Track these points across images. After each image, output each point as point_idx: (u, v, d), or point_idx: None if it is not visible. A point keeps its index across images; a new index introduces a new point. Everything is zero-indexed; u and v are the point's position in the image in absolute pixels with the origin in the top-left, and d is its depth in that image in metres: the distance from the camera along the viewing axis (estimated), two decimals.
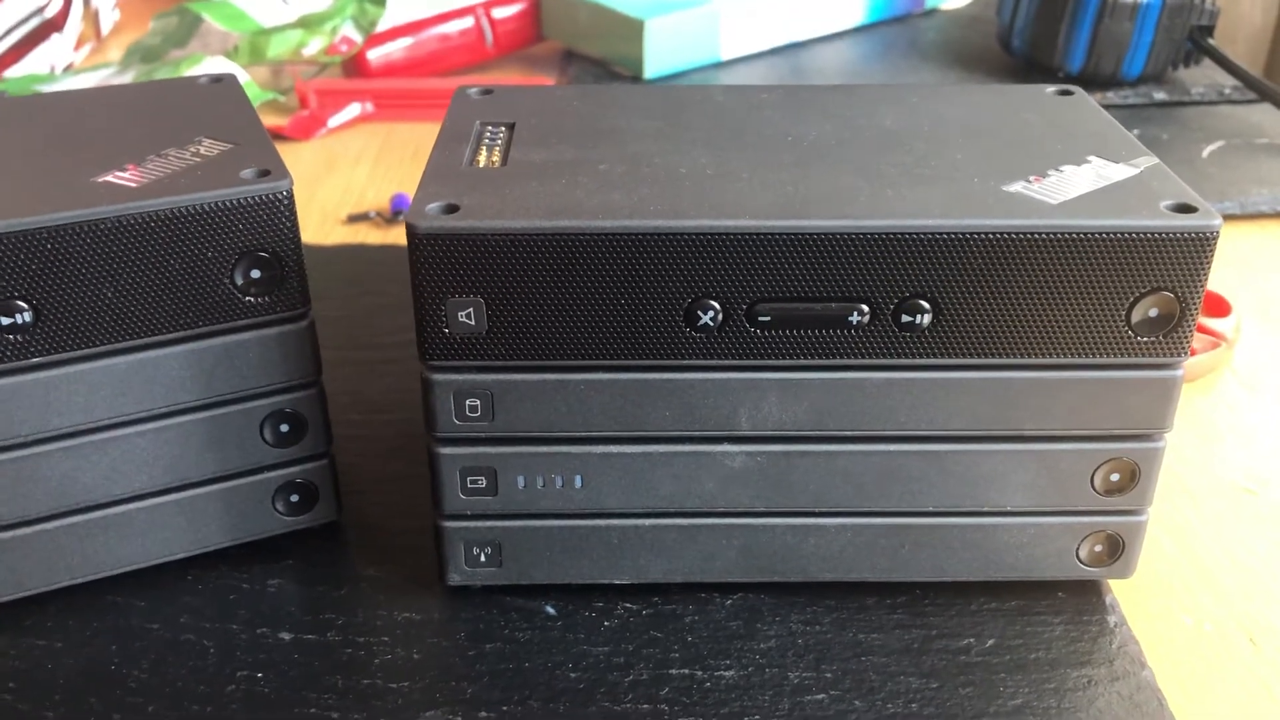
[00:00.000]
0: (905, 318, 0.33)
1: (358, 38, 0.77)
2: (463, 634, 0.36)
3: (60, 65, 0.80)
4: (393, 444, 0.45)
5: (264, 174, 0.35)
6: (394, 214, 0.61)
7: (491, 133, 0.37)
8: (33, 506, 0.36)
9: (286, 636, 0.36)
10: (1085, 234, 0.32)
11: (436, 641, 0.36)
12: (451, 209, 0.32)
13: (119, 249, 0.33)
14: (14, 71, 0.75)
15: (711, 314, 0.33)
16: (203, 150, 0.36)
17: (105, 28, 0.87)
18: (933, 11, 0.89)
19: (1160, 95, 0.73)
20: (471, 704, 0.34)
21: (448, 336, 0.33)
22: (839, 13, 0.83)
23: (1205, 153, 0.66)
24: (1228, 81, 0.75)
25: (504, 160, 0.35)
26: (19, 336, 0.33)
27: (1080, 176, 0.34)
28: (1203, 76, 0.75)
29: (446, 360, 0.34)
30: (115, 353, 0.35)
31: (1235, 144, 0.67)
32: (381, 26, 0.78)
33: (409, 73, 0.78)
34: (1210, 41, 0.72)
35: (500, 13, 0.81)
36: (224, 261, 0.35)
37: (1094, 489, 0.36)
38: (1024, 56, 0.75)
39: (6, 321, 0.33)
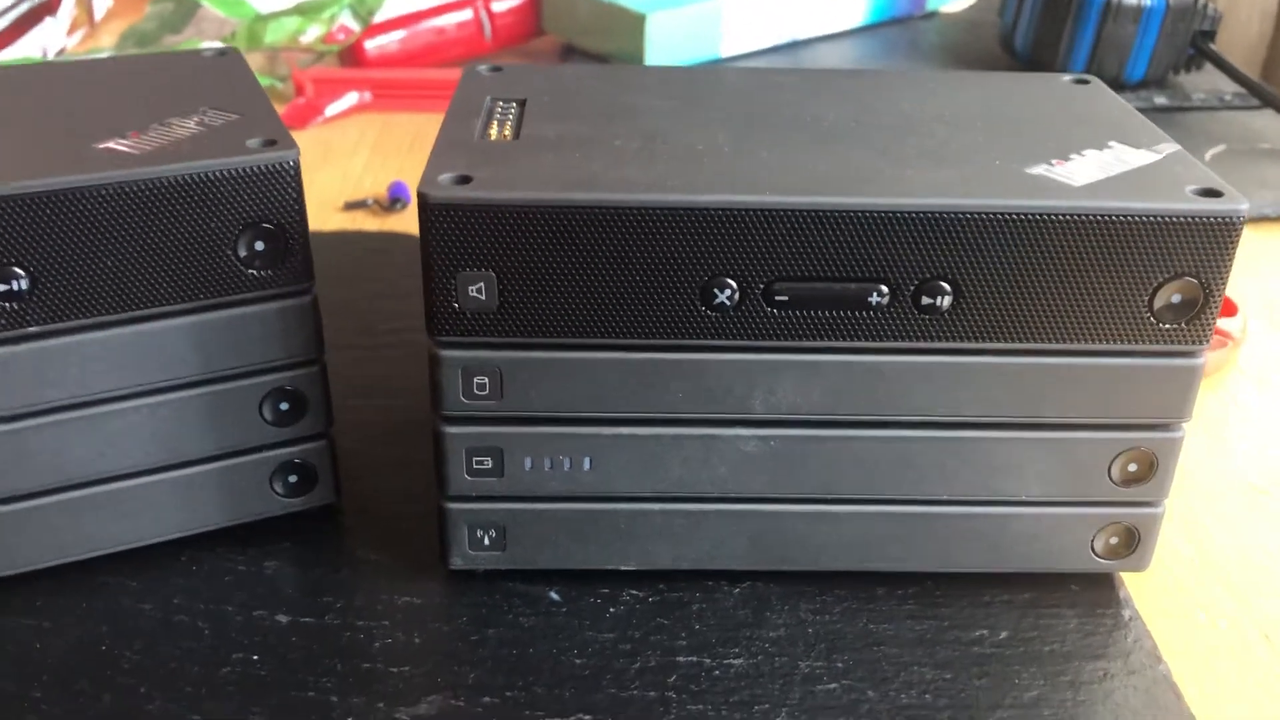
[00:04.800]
0: (925, 299, 0.32)
1: (355, 27, 0.76)
2: (465, 619, 0.36)
3: (53, 50, 0.78)
4: (391, 429, 0.44)
5: (270, 144, 0.34)
6: (392, 202, 0.61)
7: (503, 108, 0.36)
8: (24, 481, 0.35)
9: (284, 619, 0.35)
10: (1109, 216, 0.31)
11: (438, 626, 0.35)
12: (464, 180, 0.31)
13: (120, 217, 0.32)
14: (5, 56, 0.74)
15: (728, 293, 0.32)
16: (207, 120, 0.36)
17: (99, 13, 0.86)
18: (933, 14, 0.89)
19: (1161, 100, 0.73)
20: (474, 689, 0.33)
21: (457, 312, 0.32)
22: (840, 12, 0.82)
23: (1208, 156, 0.66)
24: (1229, 87, 0.75)
25: (516, 134, 0.35)
26: (14, 304, 0.32)
27: (1102, 160, 0.34)
28: (1204, 82, 0.75)
29: (455, 336, 0.33)
30: (113, 324, 0.34)
31: (1237, 149, 0.67)
32: (380, 16, 0.77)
33: (406, 64, 0.77)
34: (1212, 46, 0.71)
35: (499, 5, 0.80)
36: (227, 232, 0.34)
37: (1111, 479, 0.35)
38: (1026, 58, 0.75)
39: (2, 288, 0.32)
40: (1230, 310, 0.52)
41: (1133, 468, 0.35)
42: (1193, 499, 0.42)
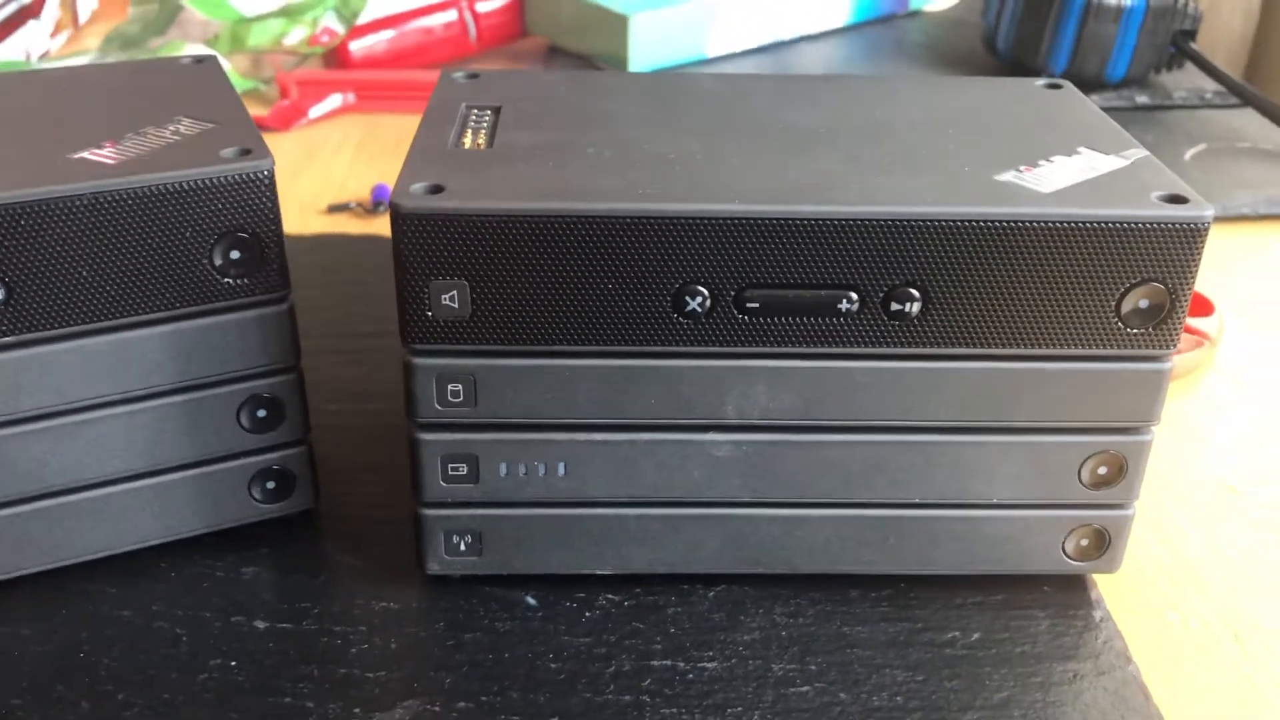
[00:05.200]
0: (894, 306, 0.32)
1: (340, 29, 0.76)
2: (441, 624, 0.36)
3: (36, 53, 0.78)
4: (371, 434, 0.44)
5: (245, 153, 0.34)
6: (375, 204, 0.61)
7: (477, 115, 0.37)
8: (1, 489, 0.35)
9: (261, 625, 0.36)
10: (1076, 223, 0.32)
11: (414, 631, 0.36)
12: (436, 189, 0.32)
13: (95, 227, 0.33)
14: None
15: (699, 300, 0.32)
16: (182, 129, 0.36)
17: (83, 15, 0.86)
18: (916, 13, 0.89)
19: (1143, 99, 0.73)
20: (450, 694, 0.33)
21: (430, 320, 0.33)
22: (825, 12, 0.83)
23: (1188, 155, 0.67)
24: (1209, 86, 0.75)
25: (489, 143, 0.35)
26: None
27: (1071, 167, 0.34)
28: (1185, 81, 0.76)
29: (429, 344, 0.33)
30: (90, 333, 0.34)
31: (1217, 147, 0.68)
32: (364, 18, 0.77)
33: (391, 66, 0.77)
34: (1193, 46, 0.72)
35: (484, 7, 0.80)
36: (203, 241, 0.34)
37: (1081, 482, 0.35)
38: (1008, 58, 0.75)
39: None
40: (1207, 310, 0.52)
41: (1102, 470, 0.35)
42: (1166, 499, 0.43)
